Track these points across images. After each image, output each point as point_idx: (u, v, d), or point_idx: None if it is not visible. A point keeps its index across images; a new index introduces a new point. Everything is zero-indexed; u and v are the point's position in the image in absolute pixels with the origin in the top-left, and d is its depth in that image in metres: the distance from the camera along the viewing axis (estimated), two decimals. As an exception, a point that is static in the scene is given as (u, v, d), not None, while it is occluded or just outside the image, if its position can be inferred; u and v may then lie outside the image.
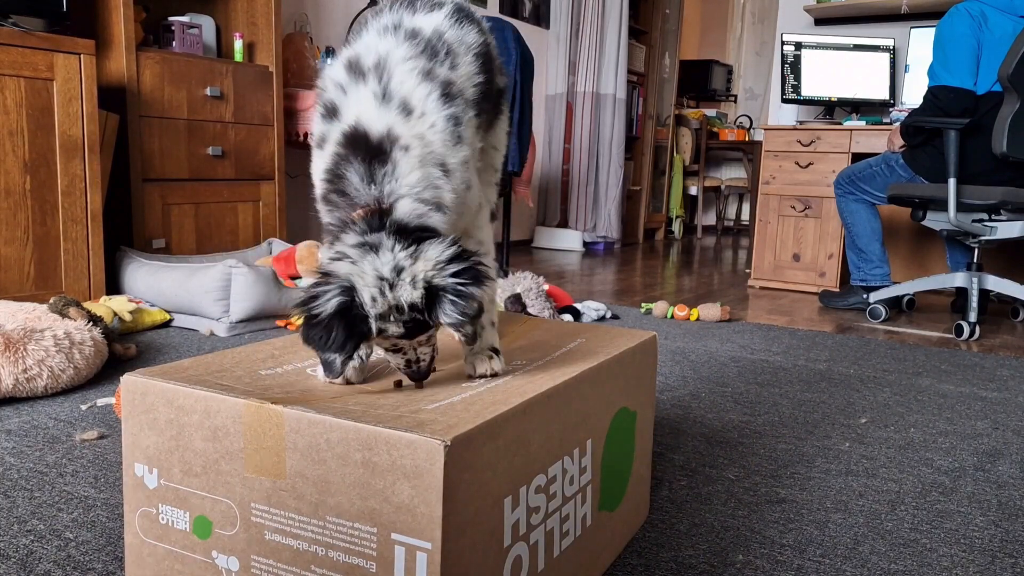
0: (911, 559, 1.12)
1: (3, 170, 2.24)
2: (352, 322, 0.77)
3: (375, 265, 0.77)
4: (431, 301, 0.77)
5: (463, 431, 0.70)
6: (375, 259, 0.77)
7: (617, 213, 5.67)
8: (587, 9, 5.49)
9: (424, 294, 0.77)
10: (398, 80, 0.83)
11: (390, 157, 0.80)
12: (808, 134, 3.75)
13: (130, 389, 0.84)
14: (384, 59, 0.84)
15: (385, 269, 0.77)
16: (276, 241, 3.11)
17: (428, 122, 0.82)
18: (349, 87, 0.84)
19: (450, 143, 0.84)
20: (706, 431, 1.65)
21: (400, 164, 0.80)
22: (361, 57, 0.85)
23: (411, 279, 0.77)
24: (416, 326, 0.79)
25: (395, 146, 0.81)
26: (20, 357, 1.67)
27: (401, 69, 0.83)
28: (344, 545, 0.73)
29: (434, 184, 0.82)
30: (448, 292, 0.77)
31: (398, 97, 0.82)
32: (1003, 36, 2.83)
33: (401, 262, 0.77)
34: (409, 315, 0.78)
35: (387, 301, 0.77)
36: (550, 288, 2.83)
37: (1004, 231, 2.83)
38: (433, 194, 0.81)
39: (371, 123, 0.81)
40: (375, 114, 0.81)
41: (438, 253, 0.77)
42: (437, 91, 0.84)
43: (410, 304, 0.77)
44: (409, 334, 0.80)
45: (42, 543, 1.07)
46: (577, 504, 0.94)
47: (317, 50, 3.64)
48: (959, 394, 2.02)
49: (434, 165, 0.82)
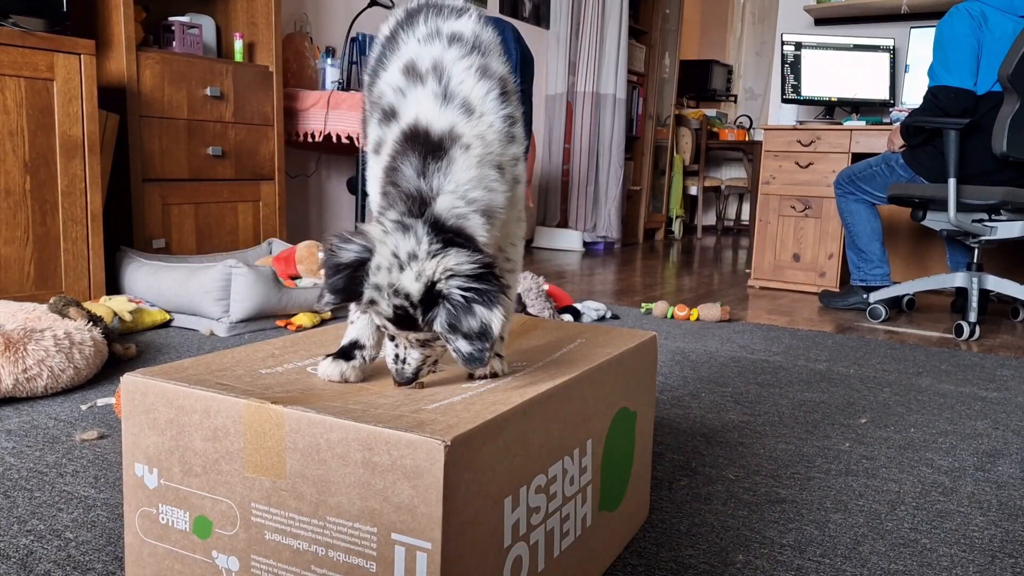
0: (911, 559, 1.12)
1: (3, 170, 2.24)
2: (355, 277, 0.79)
3: (397, 242, 0.78)
4: (430, 302, 0.77)
5: (463, 431, 0.70)
6: (401, 238, 0.78)
7: (617, 213, 5.67)
8: (587, 9, 5.49)
9: (423, 291, 0.77)
10: (457, 80, 0.84)
11: (447, 154, 0.81)
12: (808, 134, 3.75)
13: (130, 389, 0.84)
14: (440, 61, 0.85)
15: (403, 250, 0.78)
16: (276, 241, 3.11)
17: (487, 122, 0.84)
18: (408, 89, 0.85)
19: (505, 142, 0.85)
20: (706, 431, 1.65)
21: (457, 161, 0.81)
22: (416, 62, 0.86)
23: (417, 272, 0.77)
24: (404, 316, 0.79)
25: (456, 144, 0.82)
26: (20, 357, 1.67)
27: (458, 68, 0.85)
28: (344, 545, 0.73)
29: (487, 185, 0.82)
30: (448, 301, 0.77)
31: (459, 96, 0.83)
32: (1003, 36, 2.83)
33: (419, 252, 0.77)
34: (400, 301, 0.78)
35: (388, 277, 0.78)
36: (550, 288, 2.83)
37: (1004, 231, 2.83)
38: (483, 195, 0.82)
39: (432, 121, 0.82)
40: (436, 113, 0.83)
41: (457, 262, 0.77)
42: (496, 90, 0.85)
43: (405, 292, 0.77)
44: (396, 321, 0.79)
45: (42, 543, 1.07)
46: (577, 504, 0.94)
47: (317, 50, 3.64)
48: (959, 394, 2.02)
49: (491, 166, 0.83)
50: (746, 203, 7.69)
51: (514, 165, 0.88)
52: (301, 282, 2.75)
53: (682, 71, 6.88)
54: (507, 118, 0.86)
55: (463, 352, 0.77)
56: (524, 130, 0.97)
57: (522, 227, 0.98)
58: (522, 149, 0.90)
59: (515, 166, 0.88)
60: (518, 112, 0.89)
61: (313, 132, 3.38)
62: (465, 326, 0.76)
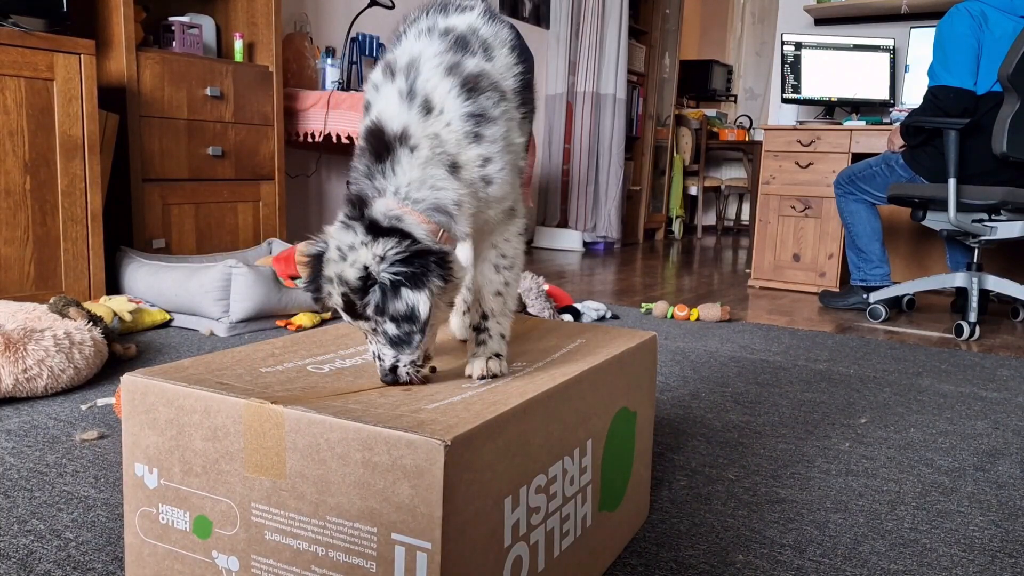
0: (911, 559, 1.12)
1: (3, 170, 2.24)
2: (317, 272, 0.87)
3: (340, 237, 0.84)
4: (366, 289, 0.82)
5: (463, 431, 0.70)
6: (343, 233, 0.84)
7: (617, 213, 5.67)
8: (587, 9, 5.49)
9: (359, 278, 0.82)
10: (424, 77, 0.86)
11: (392, 156, 0.84)
12: (808, 134, 3.75)
13: (130, 389, 0.84)
14: (416, 58, 0.87)
15: (344, 244, 0.84)
16: (276, 241, 3.11)
17: (445, 120, 0.85)
18: (381, 86, 0.88)
19: (465, 142, 0.85)
20: (706, 431, 1.65)
21: (400, 163, 0.84)
22: (397, 58, 0.89)
23: (353, 260, 0.82)
24: (349, 304, 0.84)
25: (403, 145, 0.84)
26: (20, 357, 1.66)
27: (428, 66, 0.86)
28: (344, 545, 0.73)
29: (433, 185, 0.84)
30: (379, 286, 0.81)
31: (421, 95, 0.85)
32: (1003, 36, 2.83)
33: (355, 243, 0.83)
34: (344, 289, 0.83)
35: (334, 268, 0.84)
36: (550, 288, 2.83)
37: (1004, 231, 2.83)
38: (429, 195, 0.84)
39: (389, 120, 0.85)
40: (395, 111, 0.85)
41: (386, 248, 0.81)
42: (458, 87, 0.85)
43: (344, 280, 0.83)
44: (347, 309, 0.84)
45: (42, 543, 1.07)
46: (577, 504, 0.94)
47: (317, 50, 3.64)
48: (959, 394, 2.02)
49: (441, 166, 0.84)
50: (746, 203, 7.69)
51: (481, 165, 0.87)
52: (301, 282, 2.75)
53: (682, 71, 6.88)
54: (470, 116, 0.85)
55: (389, 334, 0.81)
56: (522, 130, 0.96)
57: (516, 223, 0.96)
58: (497, 148, 0.87)
59: (484, 166, 0.87)
60: (497, 110, 0.87)
61: (313, 132, 3.38)
62: (391, 308, 0.80)
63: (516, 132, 0.93)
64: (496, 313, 0.95)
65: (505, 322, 0.96)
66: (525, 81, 0.96)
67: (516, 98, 0.93)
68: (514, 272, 0.97)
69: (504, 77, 0.91)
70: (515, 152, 0.92)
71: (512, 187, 0.92)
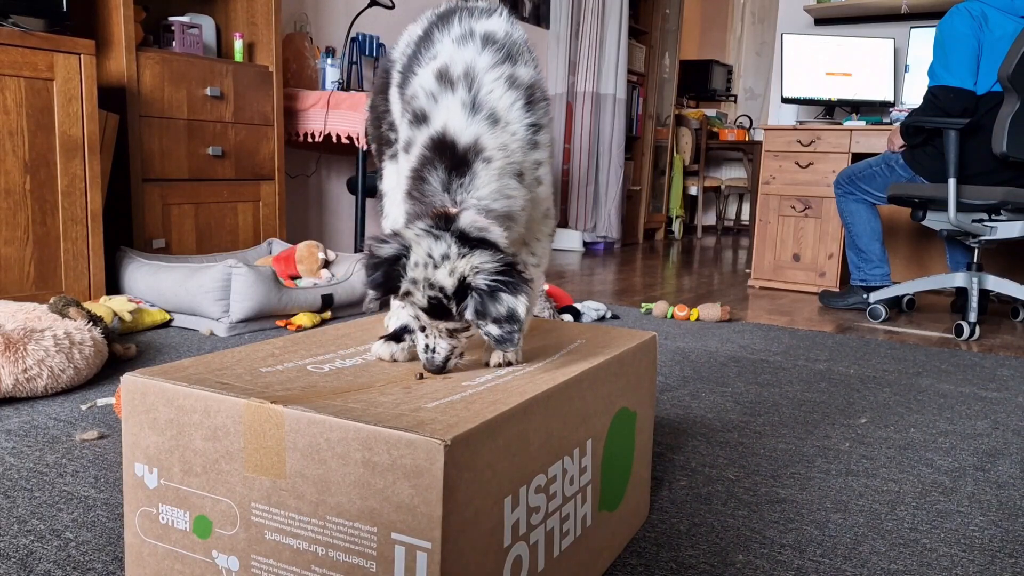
0: (911, 559, 1.12)
1: (3, 170, 2.24)
2: (393, 272, 0.88)
3: (430, 245, 0.87)
4: (462, 295, 0.86)
5: (463, 431, 0.70)
6: (433, 243, 0.87)
7: (617, 213, 5.67)
8: (587, 9, 5.49)
9: (457, 286, 0.85)
10: (487, 90, 0.91)
11: (470, 169, 0.89)
12: (808, 134, 3.75)
13: (130, 389, 0.84)
14: (471, 68, 0.91)
15: (436, 252, 0.86)
16: (276, 241, 3.11)
17: (511, 131, 0.91)
18: (440, 95, 0.91)
19: (527, 149, 0.92)
20: (706, 431, 1.65)
21: (479, 176, 0.89)
22: (449, 67, 0.92)
23: (450, 269, 0.86)
24: (438, 307, 0.87)
25: (479, 157, 0.89)
26: (20, 357, 1.66)
27: (489, 77, 0.91)
28: (344, 545, 0.73)
29: (506, 194, 0.90)
30: (477, 292, 0.85)
31: (487, 107, 0.90)
32: (1003, 36, 2.83)
33: (450, 254, 0.86)
34: (435, 293, 0.86)
35: (423, 272, 0.86)
36: (550, 288, 2.83)
37: (1004, 231, 2.83)
38: (504, 204, 0.90)
39: (459, 132, 0.89)
40: (463, 123, 0.89)
41: (483, 260, 0.86)
42: (522, 100, 0.92)
43: (440, 286, 0.86)
44: (431, 311, 0.88)
45: (42, 543, 1.07)
46: (577, 504, 0.94)
47: (317, 50, 3.64)
48: (959, 394, 2.02)
49: (512, 175, 0.90)
50: (746, 203, 7.69)
51: (535, 169, 0.94)
52: (301, 282, 2.75)
53: (682, 71, 6.88)
54: (531, 126, 0.93)
55: (494, 335, 0.85)
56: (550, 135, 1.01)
57: (549, 224, 1.04)
58: (546, 154, 0.96)
59: (536, 169, 0.94)
60: (545, 119, 0.95)
61: (313, 132, 3.39)
62: (494, 312, 0.85)
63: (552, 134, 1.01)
64: None
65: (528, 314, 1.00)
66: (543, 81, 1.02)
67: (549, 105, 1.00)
68: (540, 270, 1.05)
69: (542, 83, 0.98)
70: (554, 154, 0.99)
71: (551, 187, 1.00)
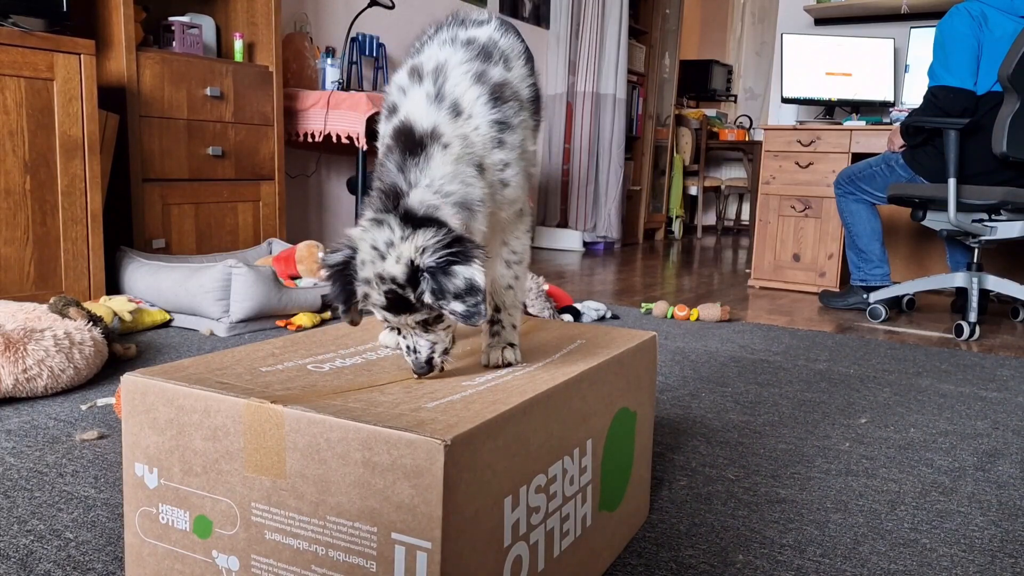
0: (911, 559, 1.12)
1: (3, 170, 2.24)
2: (346, 279, 0.86)
3: (374, 236, 0.84)
4: (416, 281, 0.82)
5: (463, 430, 0.70)
6: (376, 231, 0.84)
7: (617, 213, 5.67)
8: (587, 9, 5.49)
9: (407, 272, 0.82)
10: (452, 83, 0.90)
11: (425, 151, 0.87)
12: (808, 134, 3.75)
13: (130, 389, 0.84)
14: (443, 64, 0.92)
15: (380, 241, 0.84)
16: (276, 241, 3.11)
17: (474, 124, 0.90)
18: (408, 89, 0.92)
19: (491, 146, 0.91)
20: (706, 431, 1.65)
21: (434, 158, 0.87)
22: (423, 64, 0.93)
23: (396, 256, 0.83)
24: (396, 300, 0.84)
25: (436, 142, 0.87)
26: (20, 357, 1.66)
27: (456, 72, 0.91)
28: (344, 545, 0.73)
29: (464, 181, 0.88)
30: (428, 272, 0.82)
31: (450, 98, 0.89)
32: (1003, 36, 2.83)
33: (393, 239, 0.83)
34: (388, 287, 0.83)
35: (373, 269, 0.84)
36: (550, 288, 2.83)
37: (1004, 231, 2.83)
38: (459, 189, 0.87)
39: (419, 119, 0.88)
40: (424, 112, 0.89)
41: (427, 239, 0.82)
42: (487, 95, 0.91)
43: (390, 277, 0.83)
44: (391, 307, 0.85)
45: (42, 543, 1.07)
46: (577, 504, 0.94)
47: (317, 50, 3.64)
48: (959, 394, 2.02)
49: (471, 165, 0.88)
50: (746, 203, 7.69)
51: (502, 169, 0.92)
52: (301, 282, 2.75)
53: (682, 71, 6.87)
54: (496, 123, 0.91)
55: (459, 312, 0.82)
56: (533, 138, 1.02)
57: (525, 221, 1.03)
58: (515, 155, 0.93)
59: (503, 170, 0.93)
60: (515, 119, 0.93)
61: (313, 132, 3.38)
62: (451, 287, 0.81)
63: (530, 139, 0.99)
64: (508, 305, 1.00)
65: (516, 313, 1.01)
66: (536, 92, 1.01)
67: (530, 107, 0.99)
68: (522, 267, 1.04)
69: (520, 87, 0.97)
70: (528, 159, 0.98)
71: (523, 191, 0.98)
